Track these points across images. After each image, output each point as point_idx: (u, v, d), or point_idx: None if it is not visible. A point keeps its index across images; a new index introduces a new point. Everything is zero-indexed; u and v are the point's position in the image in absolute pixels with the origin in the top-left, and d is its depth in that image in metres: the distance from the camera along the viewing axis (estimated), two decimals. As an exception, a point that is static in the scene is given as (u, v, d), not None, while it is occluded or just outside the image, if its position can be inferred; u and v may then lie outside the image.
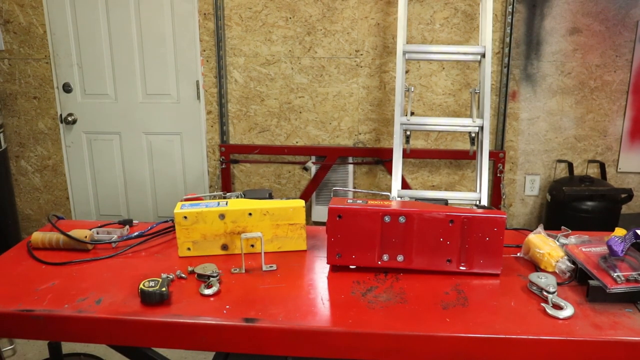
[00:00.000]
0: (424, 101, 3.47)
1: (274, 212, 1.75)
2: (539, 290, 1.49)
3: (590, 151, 3.53)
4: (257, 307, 1.44)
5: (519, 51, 3.38)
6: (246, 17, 3.44)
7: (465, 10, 3.32)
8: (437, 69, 3.42)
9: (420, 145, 3.55)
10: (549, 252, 1.64)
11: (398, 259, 1.61)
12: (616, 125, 3.47)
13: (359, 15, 3.38)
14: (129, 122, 3.75)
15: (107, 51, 3.62)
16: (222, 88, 3.54)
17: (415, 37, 3.37)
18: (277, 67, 3.50)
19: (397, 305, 1.45)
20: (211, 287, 1.52)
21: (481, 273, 1.61)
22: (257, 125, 3.62)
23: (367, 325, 1.38)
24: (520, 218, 3.68)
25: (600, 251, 1.57)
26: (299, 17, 3.40)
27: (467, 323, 1.38)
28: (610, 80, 3.39)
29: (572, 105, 3.45)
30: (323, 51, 3.45)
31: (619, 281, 1.43)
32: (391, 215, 1.60)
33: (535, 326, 1.36)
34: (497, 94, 3.42)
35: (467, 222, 1.58)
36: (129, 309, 1.39)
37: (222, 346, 1.39)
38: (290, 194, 3.71)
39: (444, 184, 3.63)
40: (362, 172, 3.66)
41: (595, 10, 3.28)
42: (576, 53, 3.36)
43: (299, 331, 1.38)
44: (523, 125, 3.51)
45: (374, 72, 3.46)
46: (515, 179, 3.61)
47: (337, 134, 3.59)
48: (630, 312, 1.42)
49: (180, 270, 1.63)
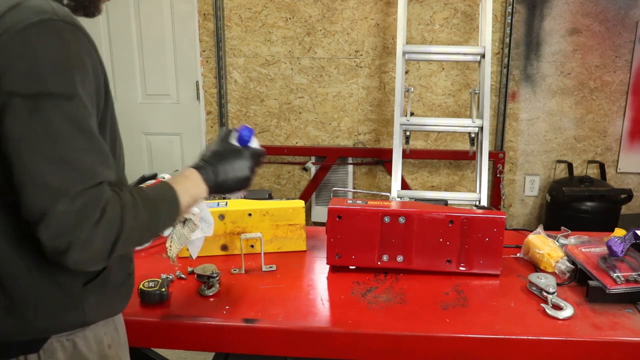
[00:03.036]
0: (424, 101, 3.47)
1: (274, 213, 1.75)
2: (538, 291, 1.49)
3: (589, 152, 3.53)
4: (256, 308, 1.45)
5: (519, 52, 3.38)
6: (246, 18, 3.44)
7: (465, 11, 3.32)
8: (437, 69, 3.42)
9: (420, 145, 3.55)
10: (548, 253, 1.64)
11: (398, 260, 1.61)
12: (616, 126, 3.47)
13: (359, 15, 3.38)
14: (129, 123, 3.75)
15: (107, 51, 3.62)
16: (222, 88, 3.54)
17: (415, 37, 3.38)
18: (276, 67, 3.50)
19: (397, 305, 1.45)
20: (211, 288, 1.52)
21: (481, 273, 1.61)
22: (256, 125, 3.62)
23: (367, 325, 1.38)
24: (520, 218, 3.68)
25: (600, 252, 1.58)
26: (298, 18, 3.41)
27: (467, 323, 1.38)
28: (610, 80, 3.39)
29: (572, 106, 3.45)
30: (323, 52, 3.45)
31: (619, 282, 1.43)
32: (391, 215, 1.60)
33: (534, 326, 1.36)
34: (496, 95, 3.42)
35: (466, 222, 1.58)
36: (129, 309, 1.39)
37: (222, 346, 1.39)
38: (290, 194, 3.71)
39: (443, 184, 3.63)
40: (362, 172, 3.66)
41: (595, 11, 3.28)
42: (576, 54, 3.36)
43: (298, 331, 1.38)
44: (523, 126, 3.51)
45: (373, 73, 3.46)
46: (515, 179, 3.61)
47: (337, 135, 3.59)
48: (629, 313, 1.42)
49: (180, 270, 1.63)
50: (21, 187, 0.88)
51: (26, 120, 0.85)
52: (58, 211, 0.87)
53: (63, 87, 0.87)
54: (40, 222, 0.87)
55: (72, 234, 0.88)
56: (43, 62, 0.86)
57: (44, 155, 0.86)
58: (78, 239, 0.88)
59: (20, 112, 0.85)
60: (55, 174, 0.87)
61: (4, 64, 0.86)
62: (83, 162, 0.89)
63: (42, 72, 0.86)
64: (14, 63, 0.85)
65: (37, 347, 1.01)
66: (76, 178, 0.88)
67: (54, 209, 0.86)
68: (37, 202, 0.87)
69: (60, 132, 0.87)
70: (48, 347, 1.02)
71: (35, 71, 0.85)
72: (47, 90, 0.85)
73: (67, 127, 0.87)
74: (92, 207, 0.89)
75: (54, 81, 0.86)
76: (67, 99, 0.87)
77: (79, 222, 0.88)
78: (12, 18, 0.87)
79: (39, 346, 1.02)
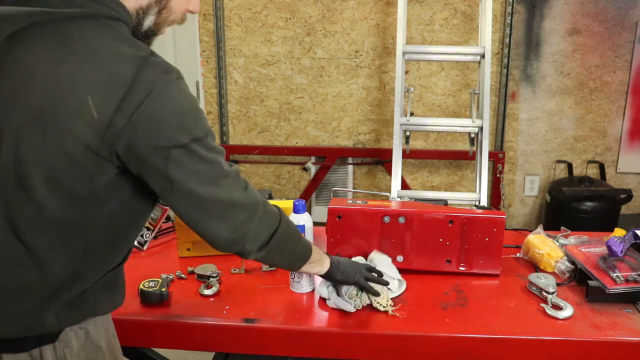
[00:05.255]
0: (424, 102, 3.48)
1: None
2: (538, 291, 1.49)
3: (589, 152, 3.53)
4: (256, 308, 1.45)
5: (519, 52, 3.38)
6: (246, 18, 3.44)
7: (465, 11, 3.32)
8: (437, 69, 3.43)
9: (419, 145, 3.55)
10: (548, 253, 1.64)
11: (398, 260, 1.61)
12: (615, 126, 3.47)
13: (359, 15, 3.38)
14: (129, 123, 3.75)
15: (107, 52, 3.62)
16: (222, 88, 3.54)
17: (415, 37, 3.38)
18: (276, 67, 3.50)
19: (397, 305, 1.45)
20: (211, 288, 1.52)
21: (481, 273, 1.61)
22: (256, 125, 3.62)
23: (367, 325, 1.38)
24: (519, 218, 3.68)
25: (600, 252, 1.58)
26: (298, 18, 3.41)
27: (466, 323, 1.38)
28: (610, 80, 3.39)
29: (572, 106, 3.45)
30: (323, 52, 3.45)
31: (619, 281, 1.43)
32: (391, 215, 1.60)
33: (534, 326, 1.37)
34: (496, 95, 3.42)
35: (466, 222, 1.58)
36: (129, 309, 1.39)
37: (222, 346, 1.39)
38: (290, 194, 3.71)
39: (443, 184, 3.63)
40: (362, 172, 3.66)
41: (595, 11, 3.28)
42: (575, 54, 3.36)
43: (298, 331, 1.39)
44: (522, 126, 3.51)
45: (373, 73, 3.46)
46: (515, 179, 3.61)
47: (337, 135, 3.59)
48: (629, 313, 1.42)
49: (180, 270, 1.63)
50: (199, 207, 1.06)
51: (188, 163, 1.01)
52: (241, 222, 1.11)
53: (203, 129, 1.03)
54: (219, 226, 1.09)
55: (244, 227, 1.11)
56: (184, 114, 1.00)
57: (208, 180, 1.04)
58: (250, 229, 1.12)
59: (180, 158, 1.00)
60: (221, 189, 1.07)
61: (152, 121, 0.96)
62: (233, 171, 1.10)
63: (186, 123, 1.00)
64: (162, 121, 0.97)
65: (54, 339, 1.06)
66: (234, 185, 1.09)
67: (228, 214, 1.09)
68: (214, 214, 1.08)
69: (213, 162, 1.05)
70: (63, 337, 1.06)
71: (182, 123, 0.99)
72: (194, 137, 1.00)
73: (214, 156, 1.05)
74: (255, 203, 1.13)
75: (196, 127, 1.02)
76: (206, 136, 1.03)
77: (249, 218, 1.11)
78: (148, 77, 0.95)
79: (55, 338, 1.06)
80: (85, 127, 0.93)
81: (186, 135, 0.99)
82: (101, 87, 0.93)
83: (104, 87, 0.93)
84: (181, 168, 1.00)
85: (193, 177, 1.02)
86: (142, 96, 0.93)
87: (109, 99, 0.93)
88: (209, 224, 1.08)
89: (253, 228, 1.12)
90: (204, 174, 1.04)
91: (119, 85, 0.93)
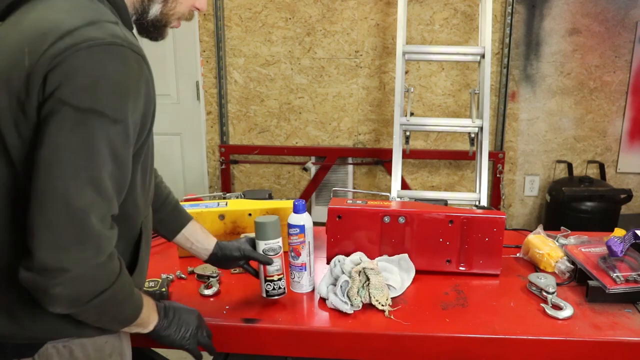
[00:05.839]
0: (424, 102, 3.48)
1: (274, 213, 1.75)
2: (538, 291, 1.49)
3: (589, 152, 3.53)
4: (256, 308, 1.45)
5: (519, 52, 3.38)
6: (246, 18, 3.44)
7: (465, 11, 3.32)
8: (437, 69, 3.43)
9: (419, 145, 3.55)
10: (548, 253, 1.64)
11: (398, 260, 1.61)
12: (615, 126, 3.47)
13: (359, 16, 3.38)
14: (129, 123, 3.75)
15: (107, 52, 3.62)
16: (222, 88, 3.54)
17: (415, 37, 3.38)
18: (276, 67, 3.50)
19: (397, 305, 1.45)
20: (211, 288, 1.52)
21: (481, 273, 1.61)
22: (256, 125, 3.62)
23: (367, 325, 1.38)
24: (519, 218, 3.69)
25: (600, 251, 1.58)
26: (298, 18, 3.41)
27: (466, 323, 1.38)
28: (610, 80, 3.39)
29: (572, 106, 3.45)
30: (323, 52, 3.45)
31: (619, 281, 1.43)
32: (391, 215, 1.60)
33: (534, 326, 1.37)
34: (496, 95, 3.42)
35: (466, 222, 1.58)
36: (129, 309, 1.39)
37: (222, 346, 1.39)
38: (290, 194, 3.71)
39: (443, 184, 3.63)
40: (362, 172, 3.66)
41: (595, 11, 3.28)
42: (575, 54, 3.36)
43: (298, 332, 1.38)
44: (522, 126, 3.51)
45: (373, 73, 3.46)
46: (515, 179, 3.61)
47: (337, 135, 3.59)
48: (629, 313, 1.42)
49: (180, 270, 1.63)
50: (40, 194, 0.88)
51: (69, 130, 0.87)
52: (67, 230, 0.88)
53: (113, 110, 0.89)
54: (44, 232, 0.88)
55: (69, 259, 0.89)
56: (102, 81, 0.88)
57: (74, 169, 0.88)
58: (72, 269, 0.89)
59: (67, 121, 0.87)
60: (81, 192, 0.88)
61: (67, 72, 0.87)
62: (107, 187, 0.92)
63: (99, 90, 0.87)
64: (76, 75, 0.87)
65: (32, 352, 1.02)
66: (98, 203, 0.91)
67: (65, 225, 0.88)
68: (49, 213, 0.88)
69: (97, 152, 0.89)
70: (43, 352, 1.02)
71: (93, 88, 0.87)
72: (97, 108, 0.87)
73: (105, 149, 0.89)
74: (104, 248, 0.93)
75: (107, 102, 0.88)
76: (113, 122, 0.89)
77: (83, 253, 0.90)
78: (87, 34, 0.89)
79: (34, 351, 1.02)
80: (18, 79, 0.89)
81: (87, 101, 0.87)
82: (42, 35, 0.89)
83: (44, 35, 0.89)
84: (61, 133, 0.87)
85: (65, 151, 0.87)
86: (69, 44, 0.87)
87: (43, 44, 0.88)
88: (38, 221, 0.88)
89: (80, 270, 0.90)
90: (78, 158, 0.88)
91: (58, 33, 0.89)
